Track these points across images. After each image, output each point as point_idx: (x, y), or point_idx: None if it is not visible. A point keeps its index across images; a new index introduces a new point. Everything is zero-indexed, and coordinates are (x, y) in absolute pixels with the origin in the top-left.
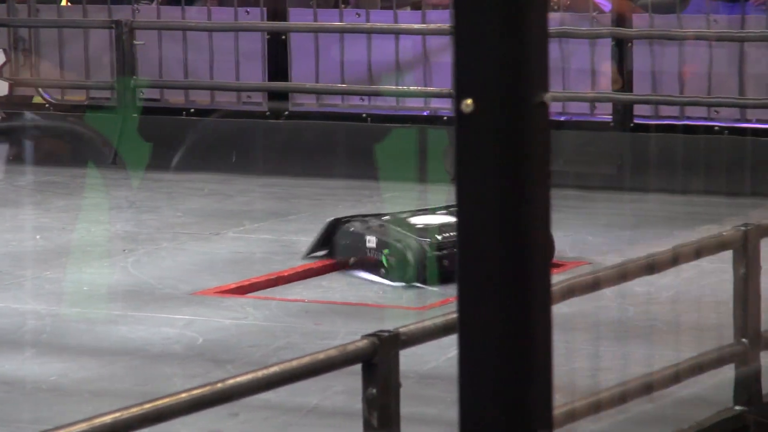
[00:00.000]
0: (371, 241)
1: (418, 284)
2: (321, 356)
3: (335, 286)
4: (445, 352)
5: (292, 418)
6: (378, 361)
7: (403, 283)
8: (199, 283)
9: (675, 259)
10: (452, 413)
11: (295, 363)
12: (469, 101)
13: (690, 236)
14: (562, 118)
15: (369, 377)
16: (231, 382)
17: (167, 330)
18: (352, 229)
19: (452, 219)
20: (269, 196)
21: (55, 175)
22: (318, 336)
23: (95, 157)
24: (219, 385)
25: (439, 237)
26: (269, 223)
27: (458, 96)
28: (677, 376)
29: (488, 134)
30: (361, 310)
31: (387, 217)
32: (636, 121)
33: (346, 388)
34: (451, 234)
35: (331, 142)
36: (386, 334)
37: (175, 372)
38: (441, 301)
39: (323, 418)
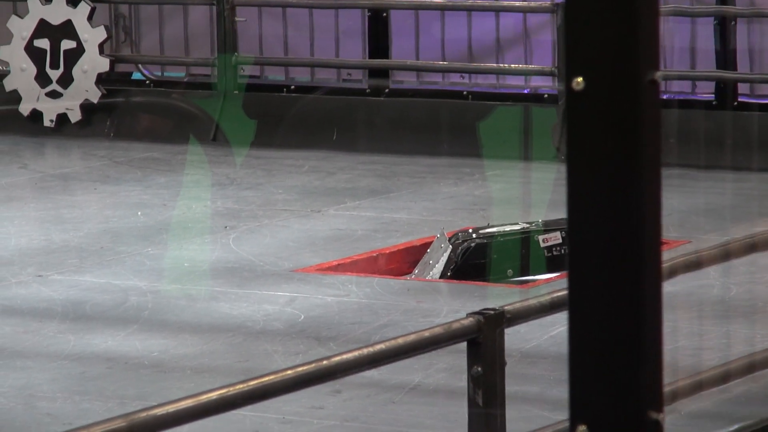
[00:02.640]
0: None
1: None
2: (426, 334)
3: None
4: (547, 331)
5: (395, 395)
6: (483, 339)
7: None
8: (300, 260)
9: None
10: (555, 392)
11: (401, 340)
12: (579, 79)
13: None
14: (665, 97)
15: (474, 355)
16: (336, 359)
17: (268, 307)
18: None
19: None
20: (370, 174)
21: (155, 151)
22: (420, 314)
23: (196, 133)
24: (324, 362)
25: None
26: (370, 201)
27: (569, 74)
28: None
29: (599, 112)
30: (462, 288)
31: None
32: (740, 99)
33: (447, 366)
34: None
35: (431, 120)
36: (491, 312)
37: (277, 349)
38: (545, 280)
39: (425, 396)
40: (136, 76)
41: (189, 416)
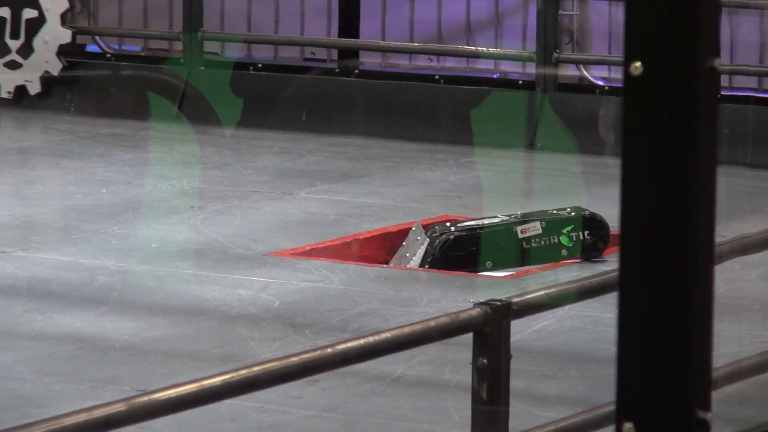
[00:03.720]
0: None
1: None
2: (432, 323)
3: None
4: (529, 325)
5: (376, 386)
6: (489, 330)
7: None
8: (273, 243)
9: None
10: (542, 388)
11: (407, 330)
12: (638, 64)
13: None
14: (729, 93)
15: (480, 347)
16: (341, 347)
17: (242, 291)
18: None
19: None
20: (341, 157)
21: (118, 127)
22: (399, 303)
23: (160, 110)
24: (329, 350)
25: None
26: (342, 185)
27: (628, 58)
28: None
29: (656, 98)
30: (441, 277)
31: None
32: None
33: (430, 358)
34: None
35: (402, 102)
36: (498, 303)
37: (252, 335)
38: (524, 272)
39: (408, 387)
40: (92, 48)
41: (191, 402)
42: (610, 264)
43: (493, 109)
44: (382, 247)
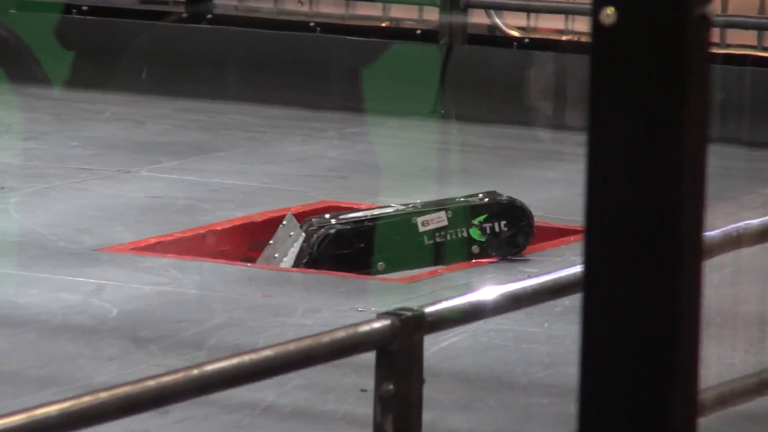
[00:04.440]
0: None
1: None
2: (325, 339)
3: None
4: (435, 342)
5: (241, 417)
6: (398, 347)
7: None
8: (107, 235)
9: None
10: (452, 421)
11: (292, 347)
12: (610, 10)
13: None
14: (721, 51)
15: (385, 368)
16: (210, 367)
17: (68, 296)
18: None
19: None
20: (192, 125)
21: None
22: (269, 311)
23: None
24: (194, 371)
25: (334, 221)
26: (193, 161)
27: (597, 3)
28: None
29: (632, 54)
30: (322, 279)
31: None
32: None
33: (309, 382)
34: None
35: (268, 57)
36: (408, 313)
37: (82, 352)
38: (426, 274)
39: (282, 419)
40: None
41: None
42: (534, 264)
43: (389, 67)
44: (245, 241)
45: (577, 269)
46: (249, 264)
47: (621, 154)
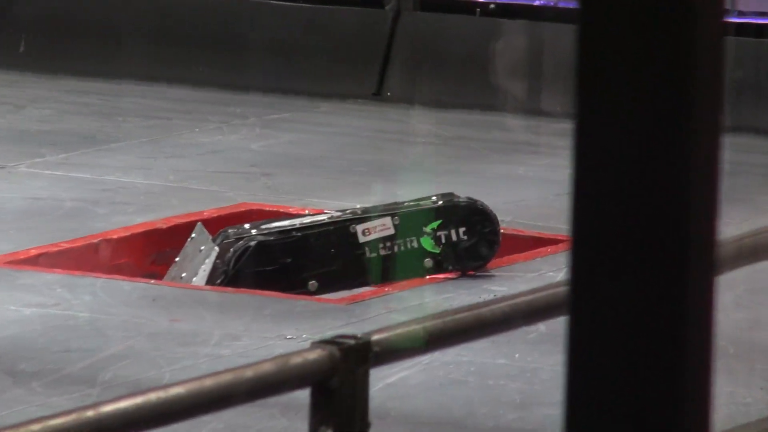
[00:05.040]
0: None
1: None
2: (248, 373)
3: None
4: (381, 377)
5: None
6: (338, 382)
7: None
8: None
9: None
10: None
11: (209, 382)
12: None
13: None
14: (736, 20)
15: (322, 408)
16: (107, 409)
17: None
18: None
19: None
20: (81, 109)
21: None
22: (176, 339)
23: None
24: (89, 413)
25: (254, 231)
26: (84, 154)
27: None
28: None
29: (630, 20)
30: (240, 300)
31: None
32: None
33: (225, 427)
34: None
35: (175, 24)
36: (351, 341)
37: None
38: (373, 292)
39: None
40: None
41: None
42: (502, 281)
43: (324, 38)
44: (148, 253)
45: (558, 287)
46: (153, 281)
47: (615, 146)
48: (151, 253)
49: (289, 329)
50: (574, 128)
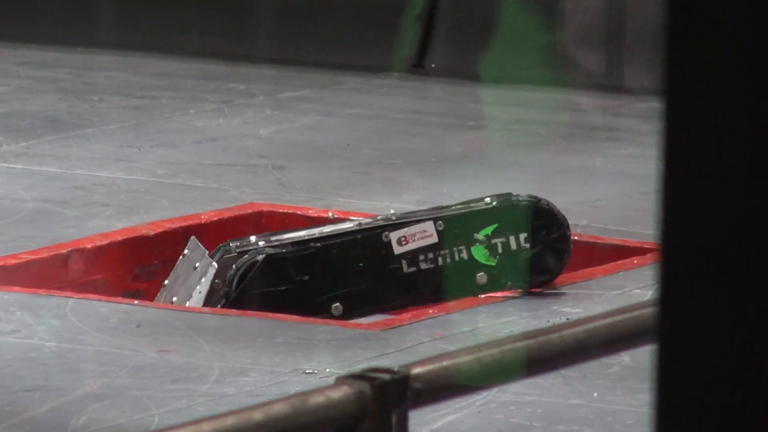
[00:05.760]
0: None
1: None
2: (257, 416)
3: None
4: (422, 422)
5: None
6: (368, 429)
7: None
8: None
9: None
10: None
11: (206, 427)
12: None
13: None
14: None
15: None
16: None
17: None
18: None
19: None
20: (45, 86)
21: None
22: (167, 374)
23: None
24: None
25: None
26: (49, 142)
27: None
28: None
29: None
30: (248, 325)
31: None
32: None
33: None
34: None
35: None
36: (386, 376)
37: None
38: (407, 316)
39: None
40: None
41: None
42: (574, 300)
43: (352, 5)
44: (129, 266)
45: (645, 309)
46: (136, 301)
47: (716, 131)
48: (134, 266)
49: (308, 362)
50: (664, 109)
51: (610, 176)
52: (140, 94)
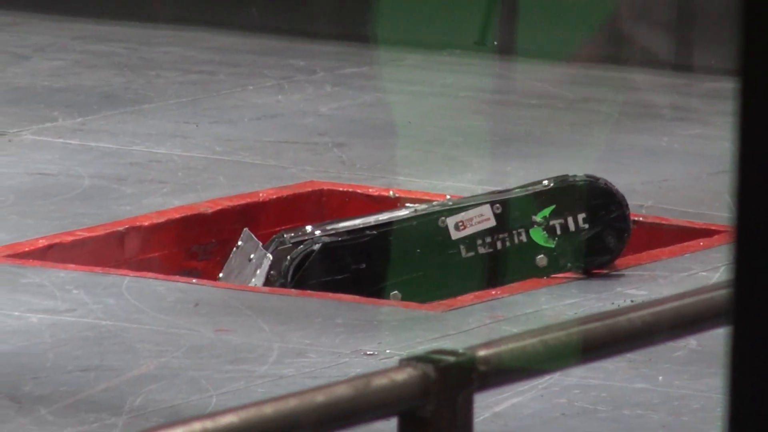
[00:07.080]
0: None
1: None
2: (319, 398)
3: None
4: (485, 405)
5: None
6: (433, 410)
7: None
8: None
9: None
10: None
11: (268, 409)
12: None
13: None
14: None
15: None
16: None
17: None
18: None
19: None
20: (101, 61)
21: None
22: (224, 355)
23: None
24: None
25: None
26: (105, 118)
27: None
28: None
29: None
30: (305, 305)
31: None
32: None
33: None
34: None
35: None
36: (450, 359)
37: None
38: (466, 299)
39: None
40: None
41: None
42: (638, 282)
43: None
44: (186, 245)
45: (714, 291)
46: (194, 280)
47: None
48: (191, 245)
49: (370, 343)
50: (738, 88)
51: (676, 156)
52: (198, 69)
